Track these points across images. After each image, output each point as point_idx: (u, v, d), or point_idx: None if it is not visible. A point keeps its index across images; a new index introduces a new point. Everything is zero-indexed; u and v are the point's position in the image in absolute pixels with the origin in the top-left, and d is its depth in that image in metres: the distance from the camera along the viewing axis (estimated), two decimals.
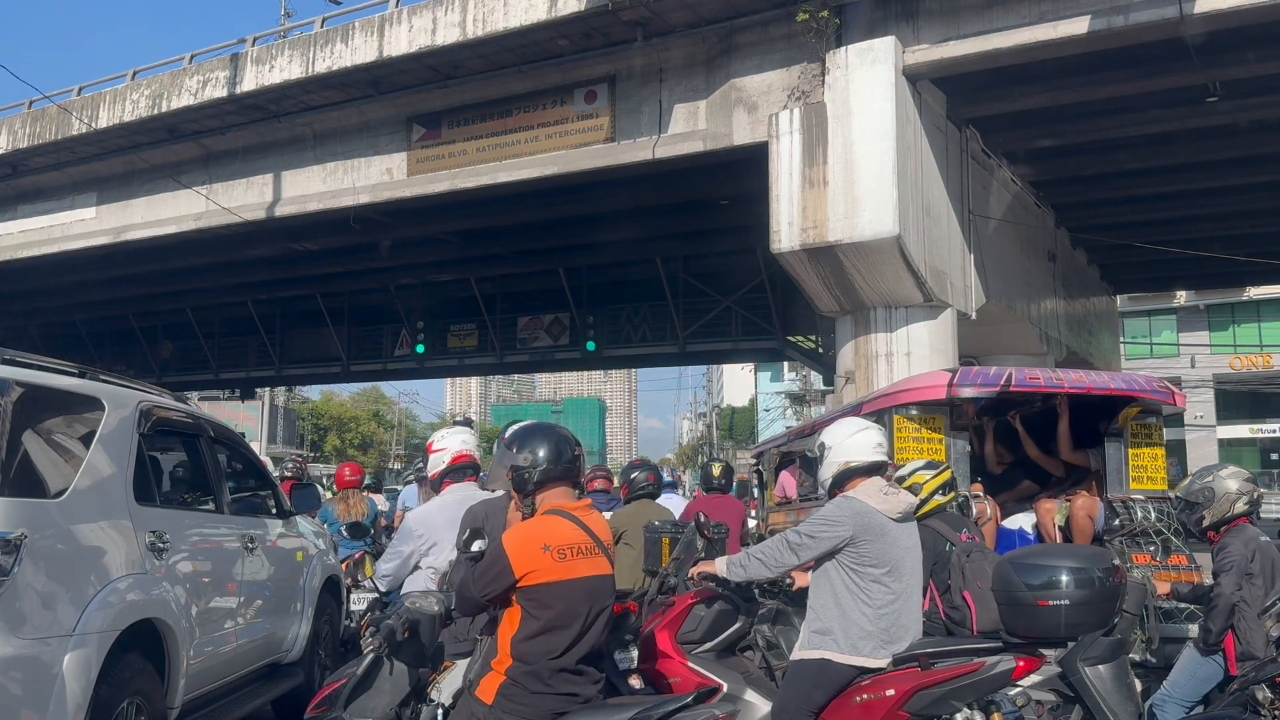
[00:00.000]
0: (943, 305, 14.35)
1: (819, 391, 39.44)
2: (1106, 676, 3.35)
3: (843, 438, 3.88)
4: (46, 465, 3.72)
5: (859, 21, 13.84)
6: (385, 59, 16.08)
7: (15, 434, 3.53)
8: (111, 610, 3.72)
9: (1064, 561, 3.60)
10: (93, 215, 21.38)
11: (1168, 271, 26.38)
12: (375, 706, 3.40)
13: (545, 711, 2.83)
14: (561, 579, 2.87)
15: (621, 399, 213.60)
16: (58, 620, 3.48)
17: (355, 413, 65.43)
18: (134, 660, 3.85)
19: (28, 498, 3.53)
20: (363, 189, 18.07)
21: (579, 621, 2.89)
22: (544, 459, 3.05)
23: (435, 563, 4.49)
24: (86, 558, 3.75)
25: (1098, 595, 3.44)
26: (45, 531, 3.52)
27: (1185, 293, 39.53)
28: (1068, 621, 3.46)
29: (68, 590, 3.57)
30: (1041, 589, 3.49)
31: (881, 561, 3.68)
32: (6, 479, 3.43)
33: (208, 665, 4.57)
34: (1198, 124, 16.10)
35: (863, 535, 3.66)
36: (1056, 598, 3.46)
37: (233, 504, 5.37)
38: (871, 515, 3.69)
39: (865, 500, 3.74)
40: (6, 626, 3.27)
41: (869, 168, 13.24)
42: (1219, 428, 42.57)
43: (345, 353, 28.84)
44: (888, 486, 3.84)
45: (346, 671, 3.72)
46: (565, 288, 25.06)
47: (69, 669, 3.43)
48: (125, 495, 4.09)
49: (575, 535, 2.95)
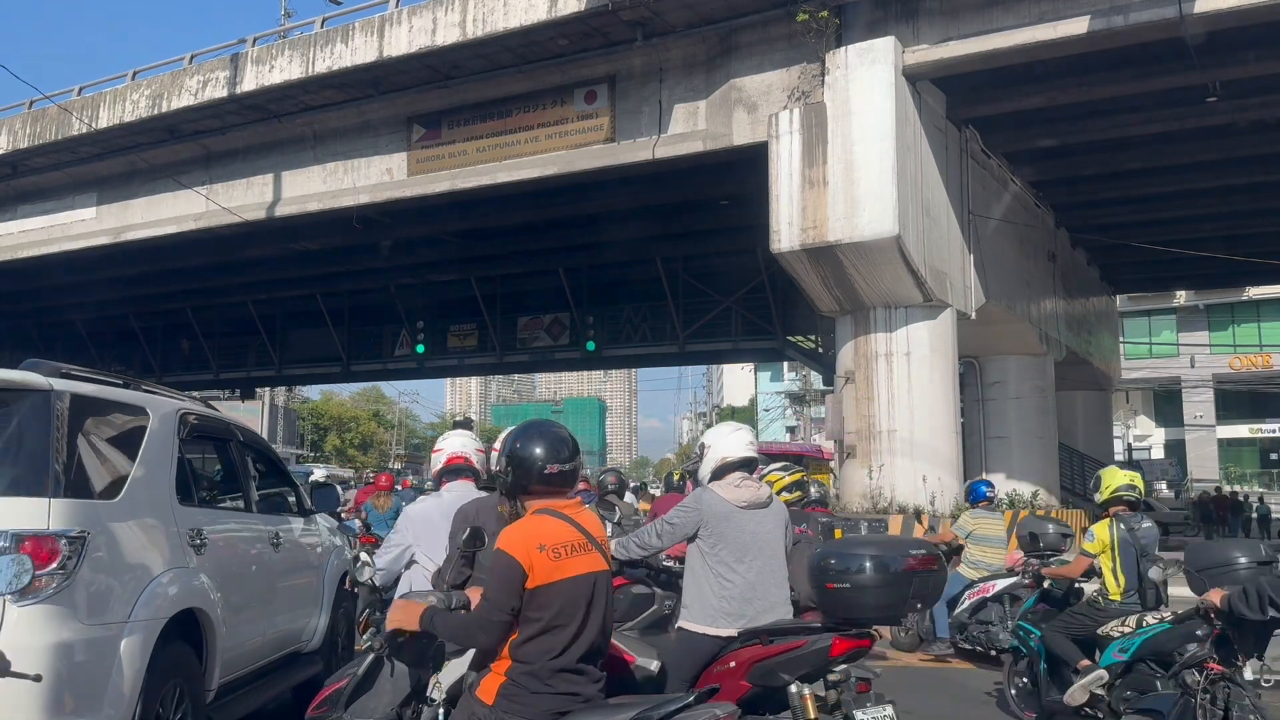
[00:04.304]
0: (942, 305, 14.36)
1: (819, 391, 39.46)
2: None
3: (719, 438, 4.35)
4: (102, 470, 4.06)
5: (859, 21, 13.84)
6: (385, 59, 16.09)
7: (74, 442, 3.89)
8: (159, 600, 4.07)
9: (867, 551, 3.81)
10: (93, 215, 21.38)
11: (1168, 271, 26.39)
12: (376, 707, 3.41)
13: (546, 711, 2.80)
14: (559, 578, 2.84)
15: (621, 399, 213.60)
16: (115, 608, 3.84)
17: (355, 413, 65.43)
18: (178, 646, 4.20)
19: (88, 499, 3.87)
20: (363, 189, 18.07)
21: (576, 620, 2.86)
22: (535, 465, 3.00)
23: (430, 555, 4.54)
24: (137, 553, 4.12)
25: (883, 582, 3.66)
26: (103, 530, 3.86)
27: (1185, 293, 39.52)
28: (853, 604, 3.73)
29: (122, 582, 3.94)
30: (833, 574, 3.76)
31: (728, 544, 4.09)
32: (69, 483, 3.77)
33: (238, 652, 4.89)
34: (1197, 124, 16.11)
35: (711, 521, 4.10)
36: (841, 582, 3.73)
37: (259, 503, 5.70)
38: (720, 504, 4.12)
39: (717, 491, 4.17)
40: (73, 613, 3.62)
41: (869, 168, 13.25)
42: (1219, 428, 42.58)
43: (345, 353, 28.85)
44: (741, 479, 4.21)
45: (347, 672, 3.74)
46: (565, 288, 25.07)
47: (125, 652, 3.80)
48: (169, 496, 4.47)
49: (569, 533, 2.92)
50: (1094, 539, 5.84)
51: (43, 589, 3.52)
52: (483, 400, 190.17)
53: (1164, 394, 44.47)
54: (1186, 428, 42.95)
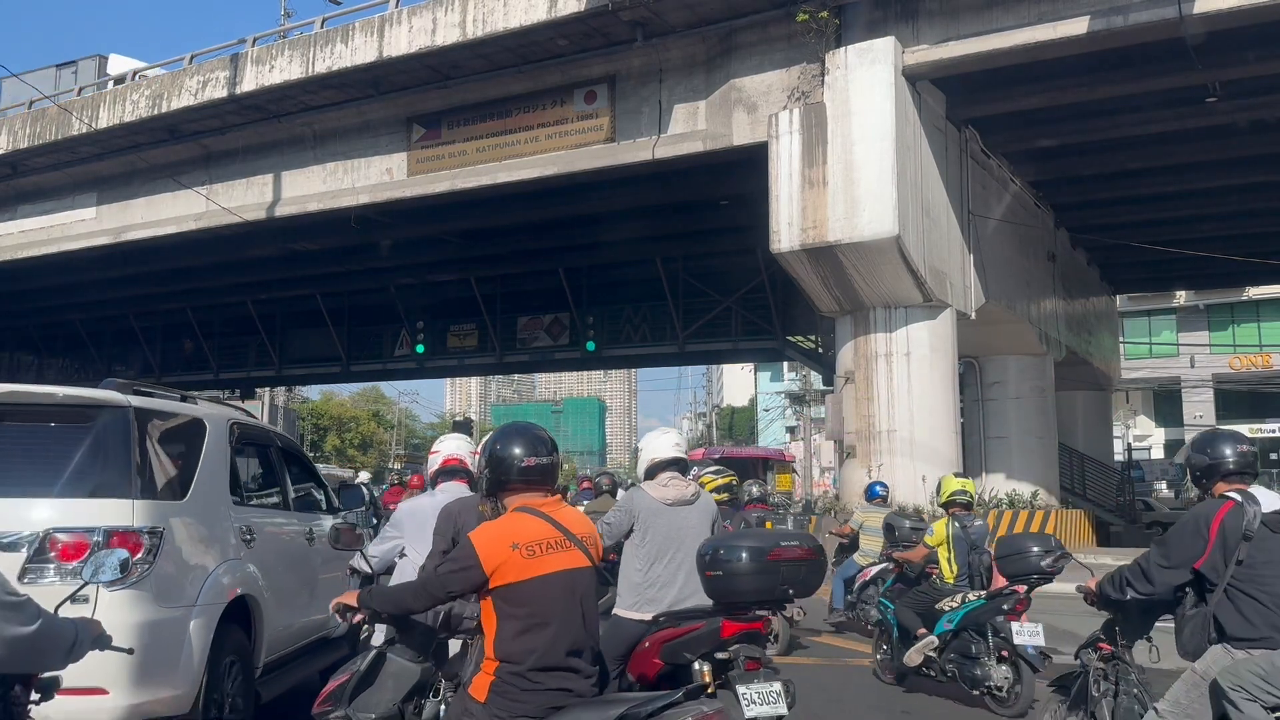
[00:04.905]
0: (942, 305, 14.36)
1: (819, 391, 39.41)
2: None
3: (651, 441, 4.78)
4: (171, 474, 4.65)
5: (858, 22, 13.85)
6: (385, 59, 16.09)
7: (147, 450, 4.46)
8: (219, 587, 4.67)
9: (742, 543, 4.13)
10: (93, 215, 21.38)
11: (1168, 271, 26.39)
12: (379, 702, 3.45)
13: (539, 707, 2.82)
14: (531, 576, 2.87)
15: (621, 399, 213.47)
16: (185, 593, 4.44)
17: (355, 413, 65.29)
18: (233, 627, 4.79)
19: (161, 500, 4.44)
20: (363, 189, 18.08)
21: (558, 617, 2.89)
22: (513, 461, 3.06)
23: (419, 549, 4.72)
24: (201, 546, 4.73)
25: (755, 570, 3.97)
26: (174, 526, 4.43)
27: (1185, 293, 39.51)
28: (729, 590, 4.03)
29: (190, 571, 4.54)
30: (712, 564, 4.05)
31: (655, 537, 4.51)
32: (146, 486, 4.34)
33: (279, 635, 5.45)
34: (1197, 124, 16.11)
35: (642, 516, 4.54)
36: (717, 570, 4.03)
37: (295, 501, 6.31)
38: (648, 501, 4.57)
39: (647, 490, 4.63)
40: (152, 597, 4.20)
41: (868, 168, 13.25)
42: (1219, 427, 42.53)
43: (345, 353, 28.84)
44: (669, 479, 4.62)
45: (350, 668, 3.80)
46: (565, 288, 25.07)
47: (193, 631, 4.40)
48: (226, 497, 5.07)
49: (544, 531, 2.94)
50: (933, 533, 7.17)
51: (129, 577, 4.01)
52: (483, 400, 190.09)
53: (1164, 394, 44.47)
54: (1186, 428, 42.88)
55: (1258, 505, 3.63)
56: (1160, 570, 3.75)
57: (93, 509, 4.16)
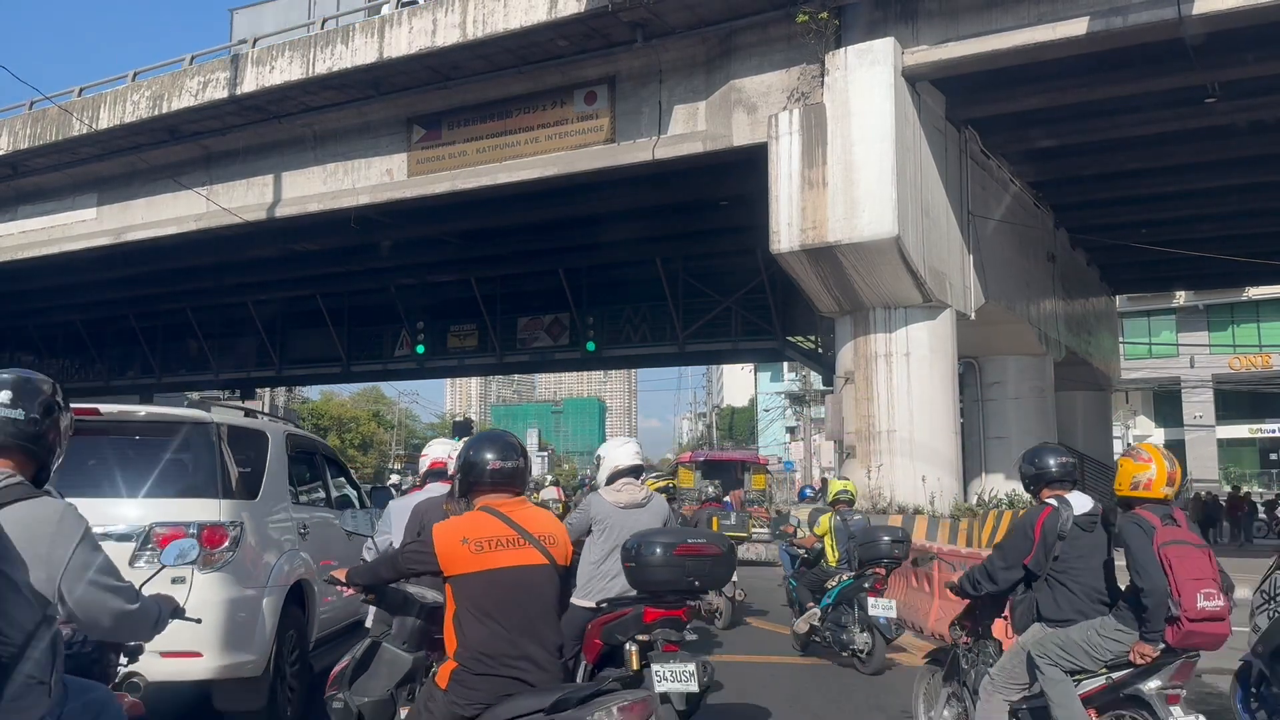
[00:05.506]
0: (942, 306, 14.37)
1: (819, 391, 39.40)
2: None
3: (611, 450, 5.41)
4: (245, 478, 5.46)
5: (858, 23, 13.86)
6: (385, 60, 16.10)
7: (226, 458, 5.29)
8: (284, 572, 5.58)
9: (655, 539, 4.55)
10: (93, 216, 21.39)
11: (1167, 271, 26.40)
12: (374, 687, 3.74)
13: (490, 694, 3.02)
14: (478, 569, 3.09)
15: (621, 399, 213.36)
16: (258, 577, 5.33)
17: (355, 413, 65.25)
18: (293, 607, 5.69)
19: (240, 499, 5.30)
20: (363, 190, 18.09)
21: (510, 609, 3.08)
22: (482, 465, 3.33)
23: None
24: (270, 538, 5.62)
25: (662, 563, 4.41)
26: (250, 521, 5.29)
27: (1185, 293, 39.53)
28: (642, 579, 4.50)
29: (262, 559, 5.42)
30: (629, 556, 4.52)
31: (607, 536, 5.08)
32: (228, 487, 5.22)
33: (325, 617, 6.34)
34: (1197, 124, 16.12)
35: (598, 518, 5.16)
36: (631, 561, 4.50)
37: (335, 500, 7.30)
38: (603, 505, 5.17)
39: (603, 495, 5.22)
40: (234, 579, 5.09)
41: (868, 168, 13.26)
42: (1218, 428, 42.59)
43: (345, 353, 28.85)
44: (624, 484, 5.22)
45: (348, 654, 4.23)
46: (565, 288, 25.08)
47: (265, 608, 5.30)
48: (286, 497, 6.05)
49: (497, 529, 3.17)
50: (819, 525, 9.00)
51: (216, 562, 5.00)
52: (483, 400, 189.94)
53: (1164, 394, 44.49)
54: (1186, 428, 42.95)
55: (1070, 509, 4.37)
56: (1000, 570, 4.53)
57: (186, 507, 5.07)
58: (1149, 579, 3.92)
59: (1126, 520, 4.15)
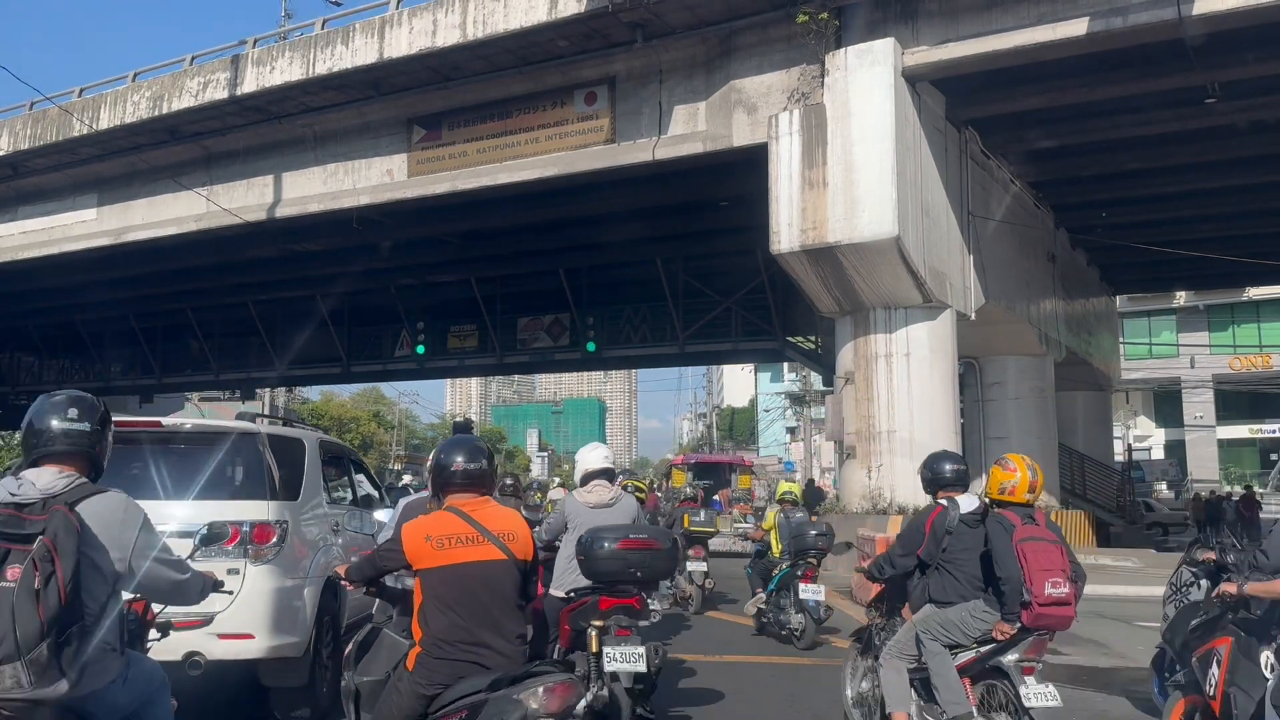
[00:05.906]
0: (942, 306, 14.37)
1: (819, 392, 39.41)
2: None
3: (584, 454, 5.97)
4: (287, 481, 6.05)
5: (858, 23, 13.86)
6: (385, 60, 16.11)
7: (270, 463, 5.87)
8: (322, 565, 6.15)
9: (603, 535, 5.02)
10: (93, 216, 21.40)
11: (1168, 272, 26.40)
12: (373, 669, 3.98)
13: (449, 676, 3.32)
14: (439, 564, 3.39)
15: (621, 399, 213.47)
16: (301, 568, 5.92)
17: (355, 413, 65.27)
18: (329, 596, 6.23)
19: (284, 500, 5.87)
20: (363, 190, 18.09)
21: (468, 601, 3.36)
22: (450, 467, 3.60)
23: None
24: (309, 535, 6.23)
25: (606, 555, 4.93)
26: (293, 520, 5.90)
27: (1185, 293, 39.52)
28: (590, 570, 5.00)
29: (303, 552, 6.00)
30: (581, 550, 5.00)
31: (576, 532, 5.41)
32: (274, 490, 5.81)
33: (353, 606, 6.86)
34: (1197, 124, 16.12)
35: (572, 517, 5.64)
36: (581, 555, 5.00)
37: (361, 499, 7.97)
38: (575, 505, 5.67)
39: (576, 496, 5.75)
40: (282, 570, 5.69)
41: (868, 169, 13.27)
42: (1218, 428, 42.59)
43: (345, 353, 28.85)
44: (594, 486, 5.71)
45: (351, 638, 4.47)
46: (565, 288, 25.07)
47: (307, 596, 5.91)
48: (321, 498, 6.69)
49: (458, 527, 3.45)
50: (766, 520, 10.03)
51: (265, 555, 5.61)
52: (483, 401, 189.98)
53: (1164, 394, 44.51)
54: (1186, 428, 42.97)
55: (958, 509, 5.03)
56: (899, 558, 5.24)
57: (240, 507, 5.68)
58: (1006, 569, 4.56)
59: (992, 519, 4.79)
